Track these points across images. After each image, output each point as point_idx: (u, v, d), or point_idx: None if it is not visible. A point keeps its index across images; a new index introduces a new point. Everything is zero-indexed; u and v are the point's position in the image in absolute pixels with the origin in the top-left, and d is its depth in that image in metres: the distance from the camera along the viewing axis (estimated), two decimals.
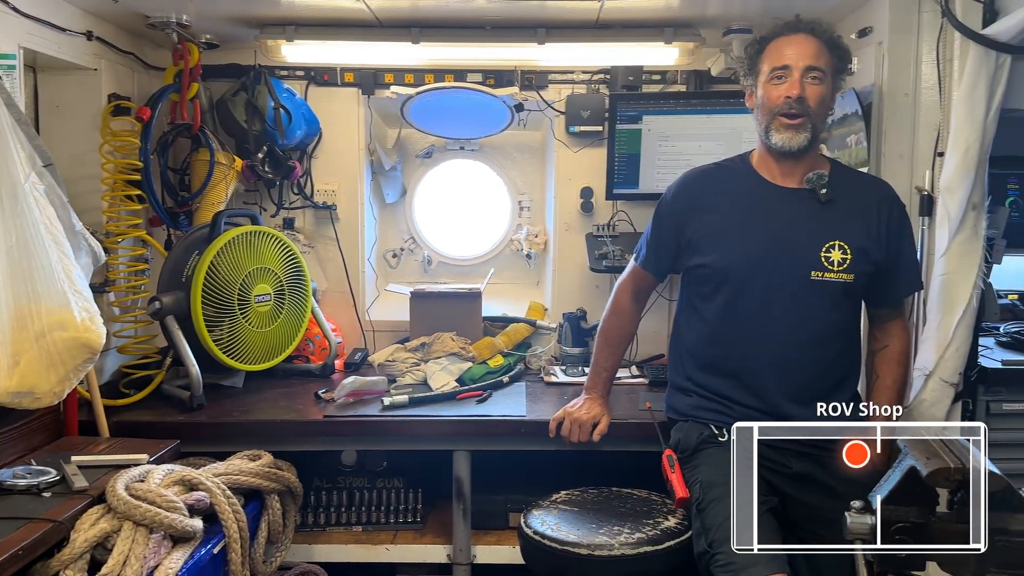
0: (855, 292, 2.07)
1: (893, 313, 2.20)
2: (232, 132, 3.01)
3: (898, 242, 2.10)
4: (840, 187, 2.08)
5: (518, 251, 3.57)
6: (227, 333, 2.65)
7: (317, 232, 3.30)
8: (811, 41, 2.02)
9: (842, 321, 2.07)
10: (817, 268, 2.02)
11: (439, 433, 2.50)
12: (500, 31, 2.92)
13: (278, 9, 2.74)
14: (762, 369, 2.04)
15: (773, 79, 2.03)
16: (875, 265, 2.06)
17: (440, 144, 3.52)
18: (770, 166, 2.13)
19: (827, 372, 2.05)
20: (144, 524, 1.86)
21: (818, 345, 2.04)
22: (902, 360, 2.17)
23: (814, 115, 2.01)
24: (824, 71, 2.02)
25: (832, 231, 2.04)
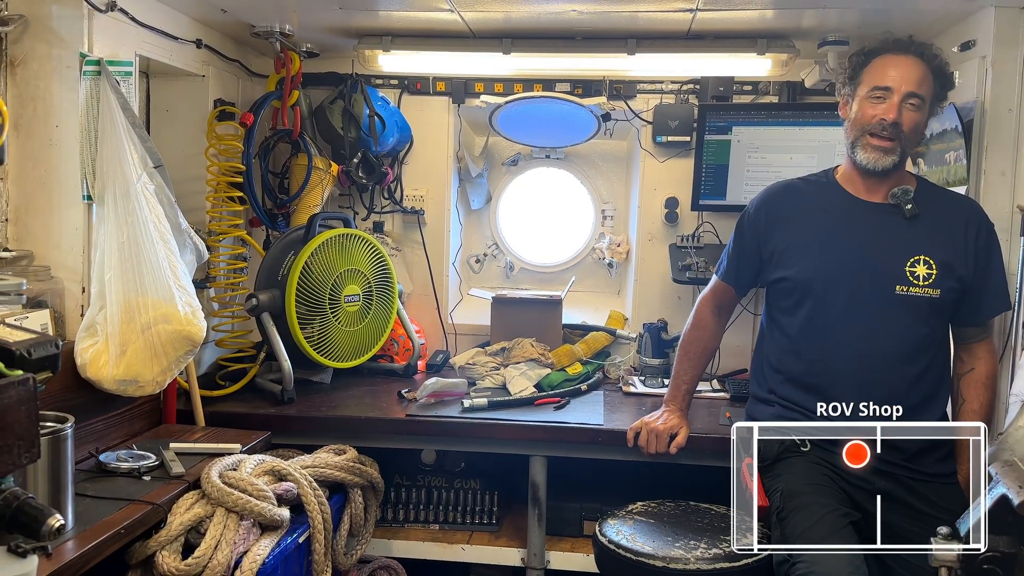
0: (942, 308, 2.03)
1: (979, 334, 2.15)
2: (329, 138, 3.13)
3: (986, 260, 2.06)
4: (926, 204, 2.05)
5: (600, 260, 3.58)
6: (318, 331, 2.75)
7: (405, 236, 3.39)
8: (918, 65, 2.00)
9: (928, 337, 2.02)
10: (902, 283, 2.00)
11: (516, 437, 2.53)
12: (590, 42, 2.95)
13: (376, 20, 2.83)
14: (845, 383, 2.00)
15: (871, 97, 2.02)
16: (961, 282, 2.02)
17: (526, 152, 3.57)
18: (855, 181, 2.11)
19: (912, 388, 2.01)
20: (235, 511, 1.96)
21: (904, 361, 2.00)
22: (989, 384, 2.11)
23: (905, 141, 2.01)
24: (924, 99, 2.00)
25: (917, 246, 2.01)
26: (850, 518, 1.88)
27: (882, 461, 1.92)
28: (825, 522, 1.86)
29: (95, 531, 1.72)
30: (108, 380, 2.12)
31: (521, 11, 2.63)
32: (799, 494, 1.91)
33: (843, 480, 1.96)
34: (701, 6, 2.50)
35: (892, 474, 1.96)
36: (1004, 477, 1.22)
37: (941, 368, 2.09)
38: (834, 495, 1.94)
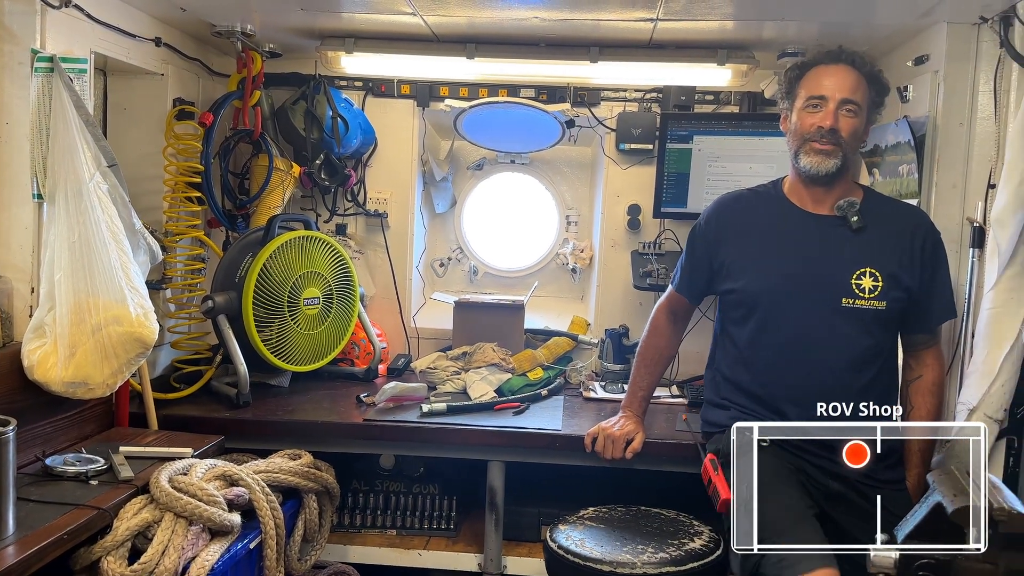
0: (888, 320, 2.06)
1: (927, 341, 2.18)
2: (291, 139, 3.11)
3: (932, 270, 2.10)
4: (873, 214, 2.08)
5: (564, 265, 3.59)
6: (276, 334, 2.72)
7: (368, 239, 3.38)
8: (850, 73, 2.04)
9: (874, 348, 2.05)
10: (848, 295, 2.02)
11: (475, 442, 2.53)
12: (553, 48, 2.96)
13: (339, 22, 2.82)
14: (792, 395, 2.03)
15: (808, 107, 2.06)
16: (908, 292, 2.05)
17: (491, 157, 3.57)
18: (801, 193, 2.14)
19: (859, 399, 1.96)
20: (184, 516, 1.93)
21: (852, 371, 2.02)
22: (936, 391, 2.15)
23: (846, 145, 2.04)
24: (859, 104, 2.04)
25: (863, 258, 2.04)
26: (814, 510, 1.92)
27: (838, 468, 1.95)
28: (792, 511, 1.88)
29: (37, 536, 1.68)
30: (56, 382, 2.08)
31: (484, 16, 2.64)
32: (764, 483, 1.91)
33: (802, 474, 1.99)
34: (662, 16, 2.53)
35: (845, 478, 1.98)
36: (940, 486, 1.24)
37: (889, 377, 2.12)
38: (797, 486, 1.96)
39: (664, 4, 2.41)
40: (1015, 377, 2.18)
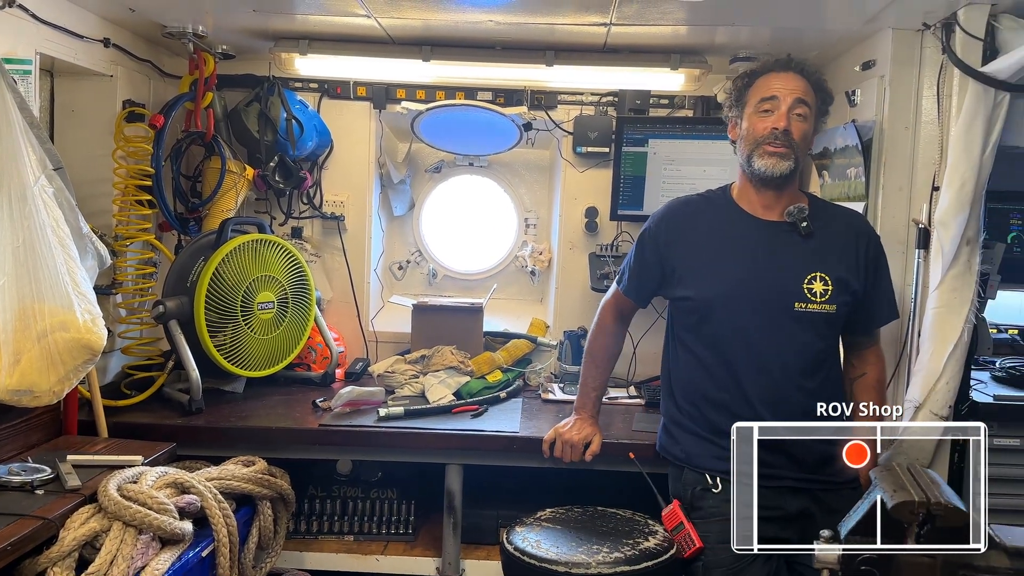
0: (836, 322, 2.10)
1: (870, 341, 2.23)
2: (244, 141, 3.07)
3: (875, 273, 2.14)
4: (819, 220, 2.11)
5: (523, 268, 3.60)
6: (229, 339, 2.69)
7: (324, 242, 3.35)
8: (799, 79, 2.07)
9: (824, 350, 2.09)
10: (800, 300, 2.05)
11: (432, 446, 2.52)
12: (509, 52, 2.97)
13: (292, 24, 2.79)
14: (752, 399, 2.05)
15: (760, 111, 2.07)
16: (854, 296, 2.09)
17: (449, 159, 3.57)
18: (751, 199, 2.15)
19: (812, 400, 2.00)
20: (133, 525, 1.89)
21: (805, 375, 2.06)
22: (880, 387, 2.21)
23: (797, 148, 2.06)
24: (810, 108, 2.07)
25: (814, 263, 2.07)
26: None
27: (794, 479, 2.02)
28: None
29: None
30: (0, 390, 2.03)
31: (439, 19, 2.64)
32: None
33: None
34: (615, 21, 2.55)
35: (803, 490, 2.02)
36: (881, 482, 1.27)
37: (836, 377, 2.17)
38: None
39: (617, 9, 2.43)
40: (959, 374, 2.24)
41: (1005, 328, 3.10)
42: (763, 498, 1.97)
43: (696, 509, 2.10)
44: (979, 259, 2.22)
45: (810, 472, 2.02)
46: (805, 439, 2.01)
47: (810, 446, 2.00)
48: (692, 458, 2.14)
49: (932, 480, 1.28)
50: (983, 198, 2.21)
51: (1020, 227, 3.00)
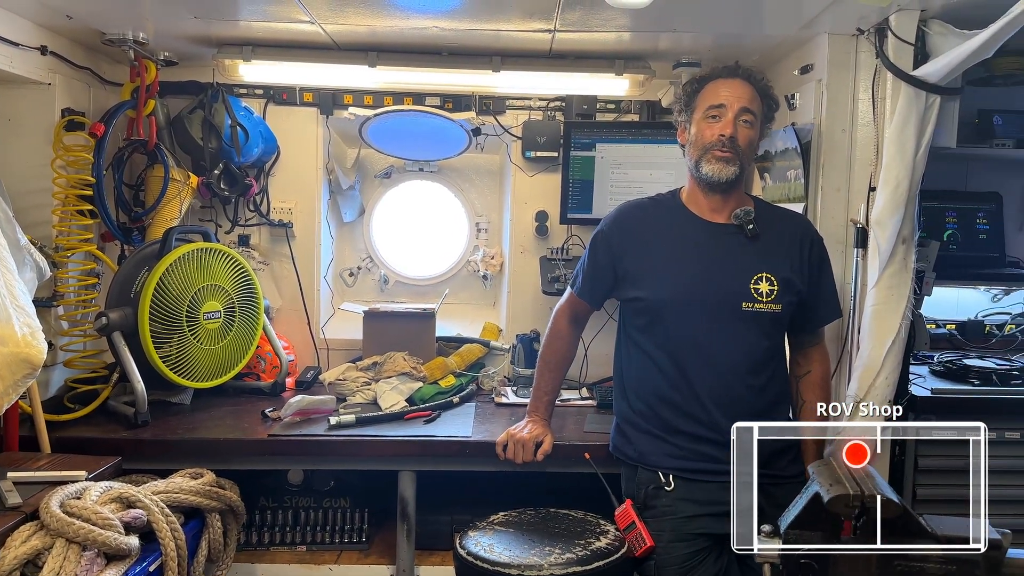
0: (781, 321, 2.16)
1: (814, 340, 2.29)
2: (188, 149, 3.03)
3: (818, 273, 2.21)
4: (764, 222, 2.17)
5: (475, 272, 3.61)
6: (175, 350, 2.65)
7: (272, 250, 3.32)
8: (746, 87, 2.12)
9: (771, 349, 2.15)
10: (748, 300, 2.10)
11: (385, 453, 2.51)
12: (456, 58, 2.98)
13: (236, 30, 2.76)
14: (702, 397, 2.10)
15: (708, 117, 2.12)
16: (799, 295, 2.15)
17: (399, 165, 3.56)
18: (699, 202, 2.21)
19: (760, 397, 2.13)
20: (77, 541, 1.85)
21: (753, 372, 2.11)
22: (825, 384, 2.27)
23: (742, 155, 2.11)
24: (756, 115, 2.12)
25: (760, 264, 2.12)
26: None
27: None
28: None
29: None
30: None
31: (385, 25, 2.63)
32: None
33: (707, 518, 2.05)
34: (559, 27, 2.57)
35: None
36: (819, 476, 1.30)
37: (783, 375, 2.23)
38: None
39: (560, 16, 2.45)
40: (897, 370, 2.31)
41: (943, 323, 3.20)
42: (713, 493, 2.04)
43: (649, 508, 2.12)
44: (915, 257, 2.29)
45: (760, 467, 2.02)
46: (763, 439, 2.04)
47: (763, 442, 2.03)
48: (645, 456, 2.16)
49: (867, 473, 1.32)
50: (918, 198, 2.28)
51: (955, 225, 3.12)
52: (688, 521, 2.07)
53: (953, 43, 2.16)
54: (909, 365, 2.39)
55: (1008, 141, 2.82)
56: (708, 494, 2.06)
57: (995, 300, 3.29)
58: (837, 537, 1.28)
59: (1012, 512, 2.44)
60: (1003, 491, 2.45)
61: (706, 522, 2.06)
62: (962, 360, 2.73)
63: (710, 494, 2.06)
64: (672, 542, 2.06)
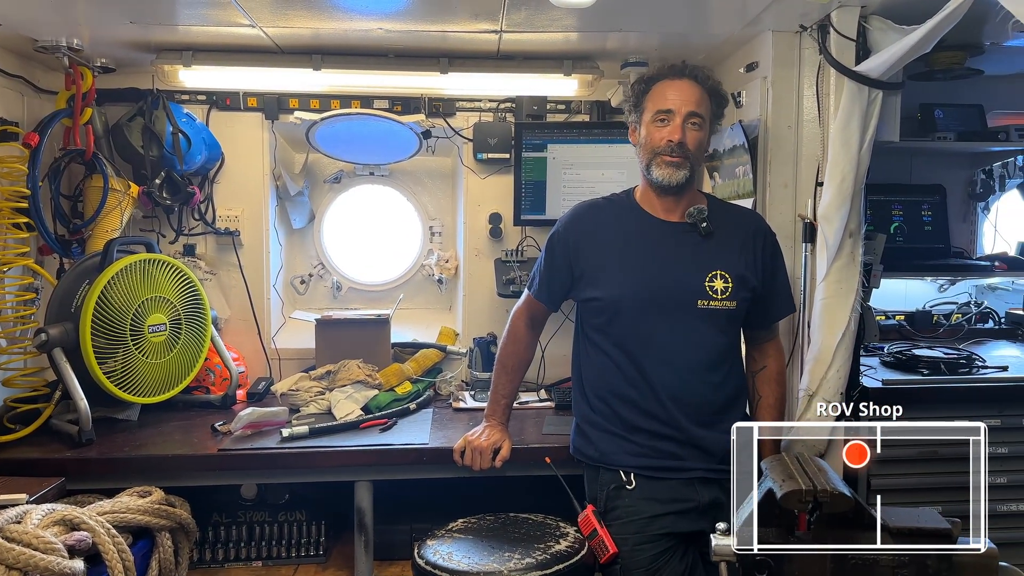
0: (736, 318, 2.17)
1: (768, 335, 2.31)
2: (128, 158, 2.94)
3: (772, 269, 2.22)
4: (718, 220, 2.18)
5: (429, 276, 3.57)
6: (120, 365, 2.57)
7: (219, 259, 3.24)
8: (694, 88, 2.12)
9: (727, 345, 2.16)
10: (703, 297, 2.11)
11: (340, 464, 2.46)
12: (403, 60, 2.94)
13: (175, 35, 2.70)
14: (661, 395, 2.10)
15: (657, 121, 2.12)
16: (753, 292, 2.16)
17: (349, 169, 3.51)
18: (653, 201, 2.21)
19: (718, 393, 2.14)
20: (17, 568, 1.78)
21: (710, 369, 2.12)
22: (780, 379, 2.29)
23: (692, 157, 2.11)
24: (704, 117, 2.12)
25: (714, 262, 2.13)
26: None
27: (704, 470, 2.08)
28: None
29: None
30: None
31: (328, 27, 2.59)
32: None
33: (671, 516, 2.06)
34: (505, 28, 2.56)
35: (713, 480, 2.07)
36: (771, 472, 1.30)
37: (739, 371, 2.24)
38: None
39: (506, 16, 2.44)
40: (848, 362, 2.33)
41: (892, 314, 3.24)
42: (675, 491, 2.07)
43: (612, 510, 2.11)
44: (862, 250, 2.32)
45: (720, 462, 2.06)
46: (715, 433, 2.07)
47: (720, 439, 2.06)
48: (607, 456, 2.16)
49: (819, 468, 1.32)
50: (863, 192, 2.31)
51: (901, 217, 3.17)
52: (652, 521, 2.06)
53: (893, 39, 2.19)
54: (860, 357, 2.41)
55: (949, 134, 2.87)
56: (670, 491, 2.08)
57: (942, 290, 3.36)
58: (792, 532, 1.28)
59: (962, 499, 2.47)
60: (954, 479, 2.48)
61: (670, 520, 2.06)
62: (911, 350, 2.77)
63: (672, 491, 2.07)
64: (637, 545, 2.05)
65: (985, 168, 3.27)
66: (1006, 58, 2.77)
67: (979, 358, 2.68)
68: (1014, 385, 2.54)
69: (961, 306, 3.29)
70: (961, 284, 3.34)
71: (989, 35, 2.54)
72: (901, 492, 2.45)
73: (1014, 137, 2.86)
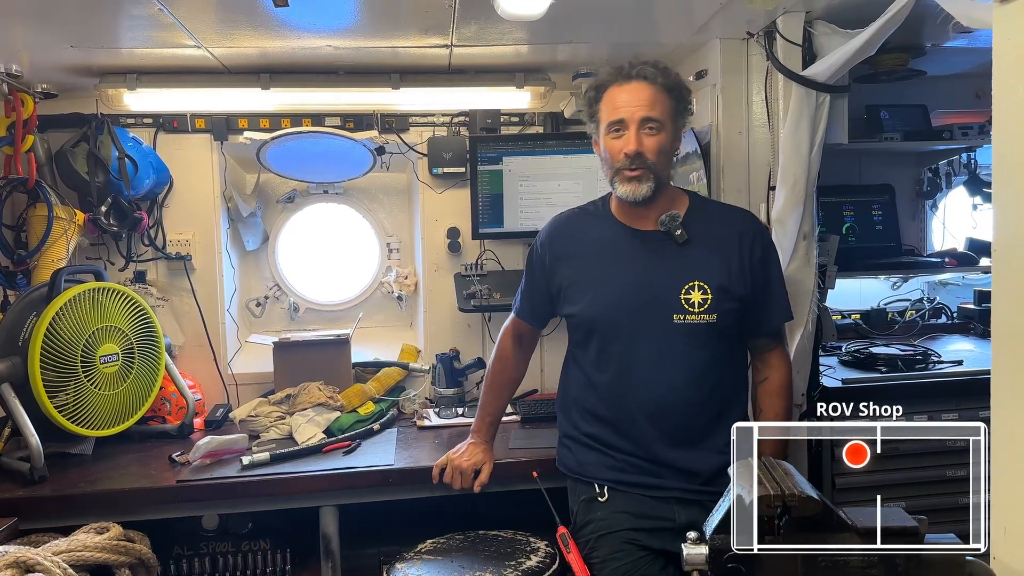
0: (721, 331, 2.00)
1: (770, 343, 2.13)
2: (73, 185, 2.87)
3: (764, 273, 2.05)
4: (698, 224, 2.03)
5: (389, 294, 3.54)
6: (71, 398, 2.49)
7: (171, 284, 3.17)
8: (645, 89, 1.95)
9: (710, 360, 2.01)
10: (678, 311, 1.97)
11: (303, 490, 2.41)
12: (354, 76, 2.92)
13: (118, 58, 2.64)
14: (637, 416, 2.01)
15: (611, 132, 1.98)
16: (740, 301, 2.00)
17: (302, 188, 3.46)
18: (626, 211, 2.08)
19: (702, 412, 2.01)
20: None
21: (691, 386, 2.00)
22: (782, 392, 2.11)
23: (654, 165, 1.95)
24: (660, 120, 1.95)
25: (691, 272, 1.99)
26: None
27: (682, 490, 1.99)
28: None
29: None
30: None
31: (275, 46, 2.55)
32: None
33: (643, 532, 1.99)
34: (456, 42, 2.55)
35: (693, 502, 1.98)
36: (739, 478, 1.30)
37: (730, 386, 2.08)
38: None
39: (456, 31, 2.43)
40: (808, 362, 2.36)
41: (848, 314, 3.30)
42: (650, 507, 2.00)
43: (586, 524, 2.05)
44: (816, 252, 2.35)
45: (704, 483, 1.99)
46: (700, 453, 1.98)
47: (706, 458, 1.98)
48: (584, 467, 2.10)
49: (786, 471, 1.32)
50: (815, 194, 2.34)
51: (852, 218, 3.23)
52: (622, 534, 1.99)
53: (838, 43, 2.23)
54: (819, 357, 2.44)
55: (896, 134, 2.93)
56: (640, 506, 2.00)
57: (895, 288, 3.43)
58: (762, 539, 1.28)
59: (924, 493, 2.50)
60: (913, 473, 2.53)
61: (643, 536, 1.99)
62: (868, 348, 2.81)
63: (646, 507, 2.00)
64: (609, 556, 1.98)
65: (931, 167, 3.35)
66: (947, 58, 2.84)
67: (935, 353, 2.73)
68: (969, 379, 2.60)
69: (914, 303, 3.36)
70: (913, 281, 3.41)
71: (930, 37, 2.61)
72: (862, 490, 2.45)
73: (958, 135, 2.94)
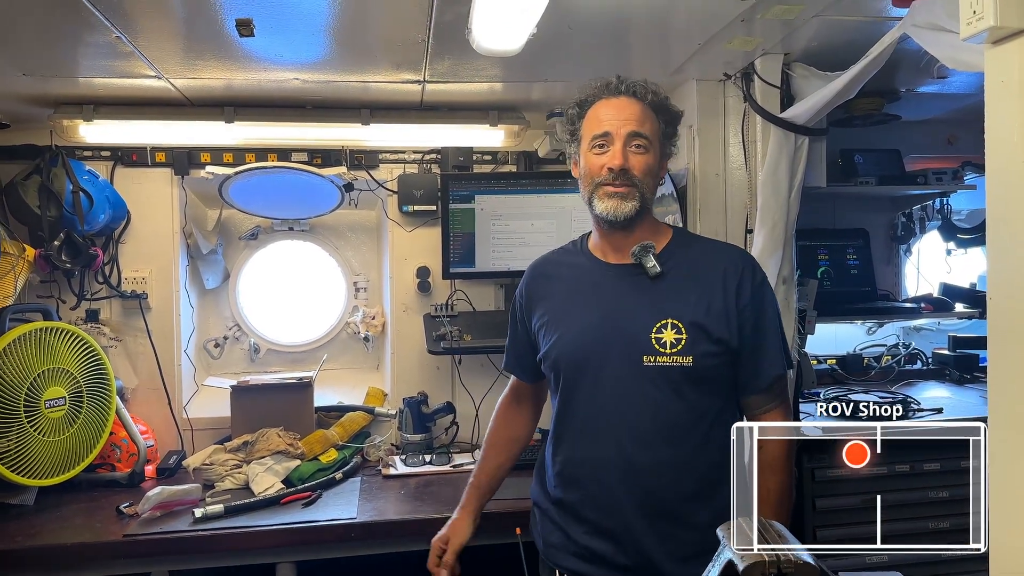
0: (700, 377, 1.73)
1: (766, 402, 1.81)
2: (24, 219, 2.73)
3: (754, 317, 1.77)
4: (678, 258, 1.82)
5: (355, 334, 3.42)
6: (12, 445, 2.35)
7: (125, 324, 3.03)
8: (633, 105, 1.79)
9: (689, 411, 1.73)
10: (648, 352, 1.72)
11: (259, 546, 2.28)
12: (322, 111, 2.84)
13: (75, 88, 2.54)
14: (604, 476, 1.75)
15: (595, 147, 1.79)
16: (722, 344, 1.73)
17: (266, 225, 3.36)
18: (602, 243, 1.87)
19: (687, 473, 1.73)
20: None
21: (669, 442, 1.72)
22: (777, 465, 1.76)
23: (641, 184, 1.76)
24: (649, 138, 1.77)
25: (663, 309, 1.74)
26: None
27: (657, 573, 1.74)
28: None
29: None
30: None
31: (240, 79, 2.47)
32: None
33: None
34: (428, 78, 2.49)
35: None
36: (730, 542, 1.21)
37: (719, 451, 1.64)
38: None
39: (429, 66, 2.37)
40: None
41: (824, 359, 3.25)
42: None
43: None
44: (796, 296, 2.30)
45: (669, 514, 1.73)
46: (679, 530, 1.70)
47: (685, 537, 1.72)
48: (547, 552, 1.88)
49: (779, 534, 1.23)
50: (794, 237, 2.30)
51: (827, 262, 3.20)
52: None
53: (816, 85, 2.21)
54: (799, 404, 2.38)
55: (870, 178, 2.92)
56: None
57: (870, 332, 3.40)
58: None
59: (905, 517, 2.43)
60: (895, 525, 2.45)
61: None
62: (847, 395, 2.76)
63: None
64: None
65: (905, 211, 3.35)
66: (920, 104, 2.85)
67: (914, 401, 2.69)
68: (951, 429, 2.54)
69: (890, 348, 3.33)
70: (889, 326, 3.39)
71: (904, 81, 2.60)
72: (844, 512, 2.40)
73: (931, 180, 2.94)
